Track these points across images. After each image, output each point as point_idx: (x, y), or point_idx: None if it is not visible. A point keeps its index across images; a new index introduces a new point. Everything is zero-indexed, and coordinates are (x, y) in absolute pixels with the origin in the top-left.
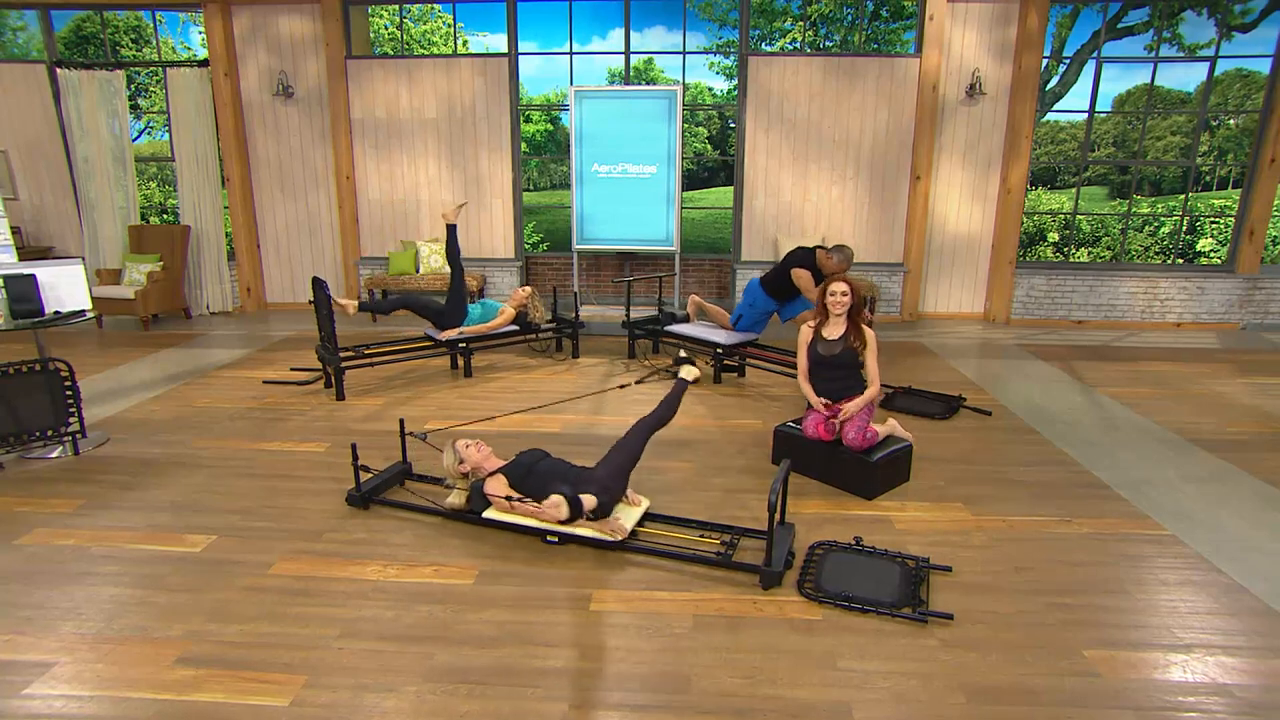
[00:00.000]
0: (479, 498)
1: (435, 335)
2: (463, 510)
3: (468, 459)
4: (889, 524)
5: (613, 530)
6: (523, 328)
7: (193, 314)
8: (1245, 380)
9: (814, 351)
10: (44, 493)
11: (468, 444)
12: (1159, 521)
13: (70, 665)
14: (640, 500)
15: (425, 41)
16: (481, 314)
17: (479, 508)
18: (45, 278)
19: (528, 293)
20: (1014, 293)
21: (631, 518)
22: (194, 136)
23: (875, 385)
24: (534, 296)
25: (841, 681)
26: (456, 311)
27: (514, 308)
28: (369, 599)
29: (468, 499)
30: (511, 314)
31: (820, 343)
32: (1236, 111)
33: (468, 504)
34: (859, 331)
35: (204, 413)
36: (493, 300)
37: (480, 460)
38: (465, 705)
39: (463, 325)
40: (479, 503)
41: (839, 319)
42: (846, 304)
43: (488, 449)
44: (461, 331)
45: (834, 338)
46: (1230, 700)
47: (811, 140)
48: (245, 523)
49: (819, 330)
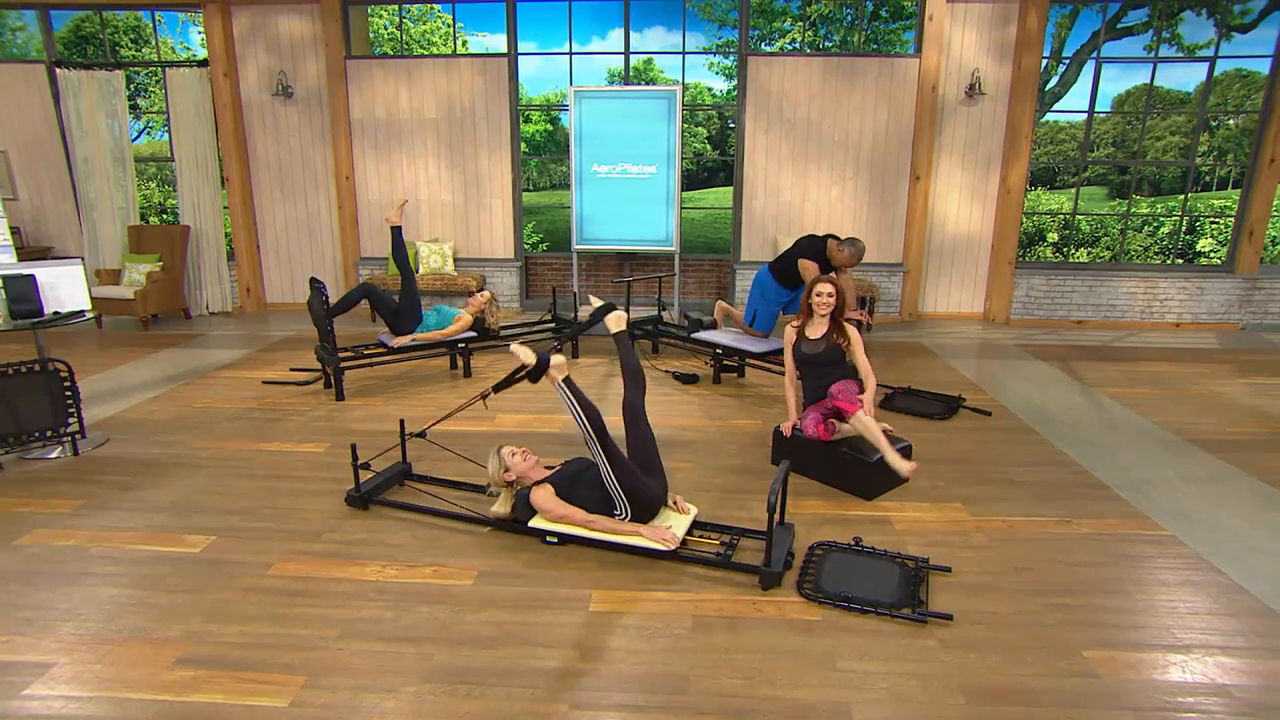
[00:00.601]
0: (524, 507)
1: (388, 341)
2: (507, 519)
3: (513, 467)
4: (888, 524)
5: (664, 539)
6: (480, 334)
7: (192, 314)
8: (1245, 380)
9: (798, 351)
10: (43, 493)
11: (514, 452)
12: (1158, 522)
13: (69, 666)
14: (689, 508)
15: (425, 41)
16: (437, 320)
17: (524, 517)
18: (45, 278)
19: (486, 298)
20: (1014, 293)
21: (681, 525)
22: (193, 137)
23: (872, 380)
24: (493, 302)
25: (841, 682)
26: (410, 317)
27: (471, 314)
28: (368, 599)
29: (513, 507)
30: (469, 320)
31: (804, 342)
32: (1236, 112)
33: (513, 513)
34: (841, 329)
35: (203, 413)
36: (448, 306)
37: (526, 469)
38: (465, 706)
39: (416, 331)
40: (524, 512)
41: (822, 318)
42: (831, 305)
43: (534, 458)
44: (414, 338)
45: (816, 336)
46: (1229, 701)
47: (811, 140)
48: (245, 523)
49: (802, 330)
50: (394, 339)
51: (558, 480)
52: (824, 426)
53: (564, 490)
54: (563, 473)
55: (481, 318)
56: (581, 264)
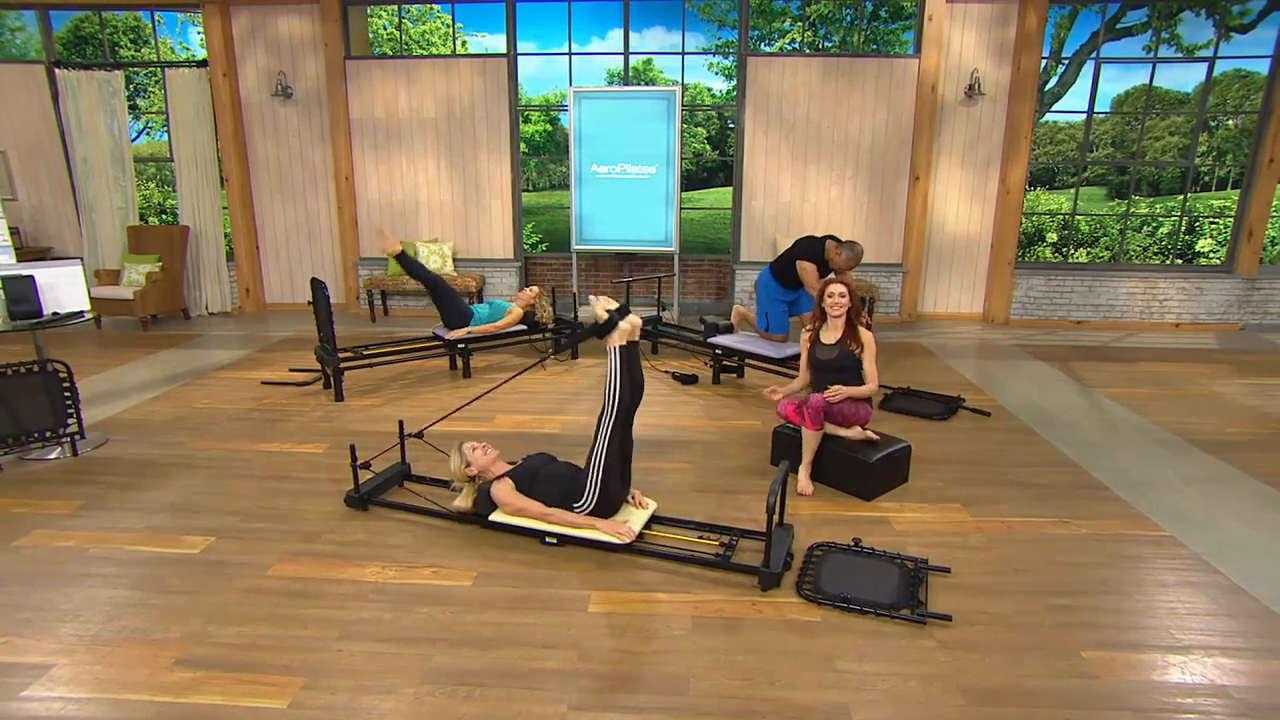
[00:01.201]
0: (485, 501)
1: (443, 335)
2: (469, 513)
3: (474, 462)
4: (888, 525)
5: (620, 533)
6: (530, 327)
7: (191, 315)
8: (1244, 381)
9: (813, 356)
10: (42, 494)
11: (474, 447)
12: (1158, 522)
13: (68, 667)
14: (647, 502)
15: (424, 42)
16: (490, 313)
17: (485, 510)
18: (44, 279)
19: (535, 293)
20: (1013, 293)
21: (639, 520)
22: (193, 137)
23: (870, 384)
24: (541, 296)
25: (840, 683)
26: (460, 312)
27: (522, 307)
28: (368, 600)
29: (474, 502)
30: (519, 313)
31: (819, 347)
32: (1235, 112)
33: (474, 507)
34: (856, 335)
35: (203, 414)
36: (499, 300)
37: (487, 464)
38: (464, 707)
39: (470, 325)
40: (485, 506)
41: (837, 321)
42: (845, 305)
43: (495, 452)
44: (470, 331)
45: (831, 341)
46: (1229, 702)
47: (810, 141)
48: (244, 524)
49: (817, 334)
50: (449, 332)
51: (517, 475)
52: (793, 409)
53: (523, 484)
54: (523, 467)
55: (532, 310)
56: (581, 264)
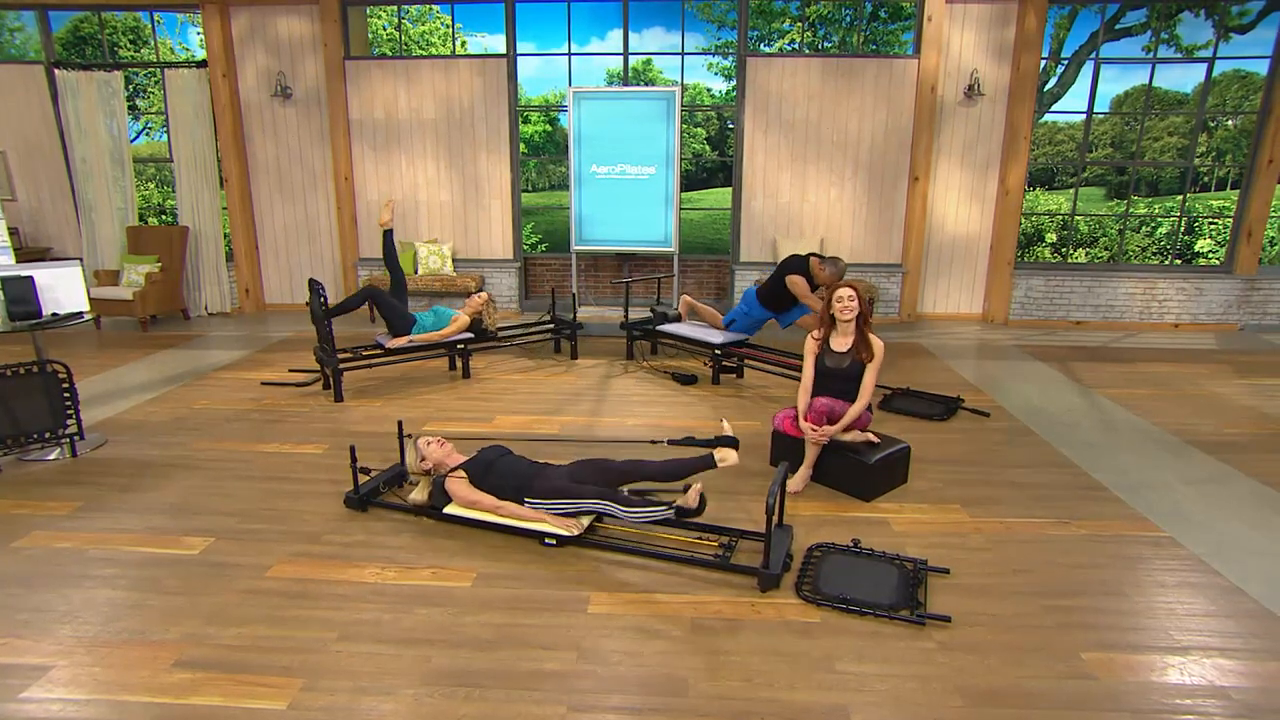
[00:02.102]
0: (440, 494)
1: (384, 343)
2: (425, 506)
3: (429, 456)
4: (887, 526)
5: (567, 525)
6: (478, 335)
7: (191, 315)
8: (1243, 381)
9: (821, 364)
10: (41, 495)
11: (429, 441)
12: (1157, 523)
13: (67, 669)
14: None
15: (424, 42)
16: (434, 321)
17: (440, 503)
18: (43, 279)
19: (483, 299)
20: (1012, 293)
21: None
22: (192, 137)
23: (861, 402)
24: (489, 304)
25: (839, 684)
26: (404, 318)
27: (469, 315)
28: (367, 602)
29: (429, 494)
30: (466, 321)
31: (828, 354)
32: (1234, 112)
33: (429, 499)
34: (868, 344)
35: (202, 414)
36: (445, 307)
37: (441, 457)
38: (463, 708)
39: (412, 333)
40: (440, 498)
41: (848, 326)
42: (855, 310)
43: (449, 446)
44: (411, 339)
45: (843, 350)
46: (1227, 703)
47: (810, 141)
48: (243, 525)
49: (827, 340)
50: (390, 340)
51: (471, 467)
52: (792, 424)
53: (477, 477)
54: (477, 460)
55: (479, 318)
56: (580, 265)
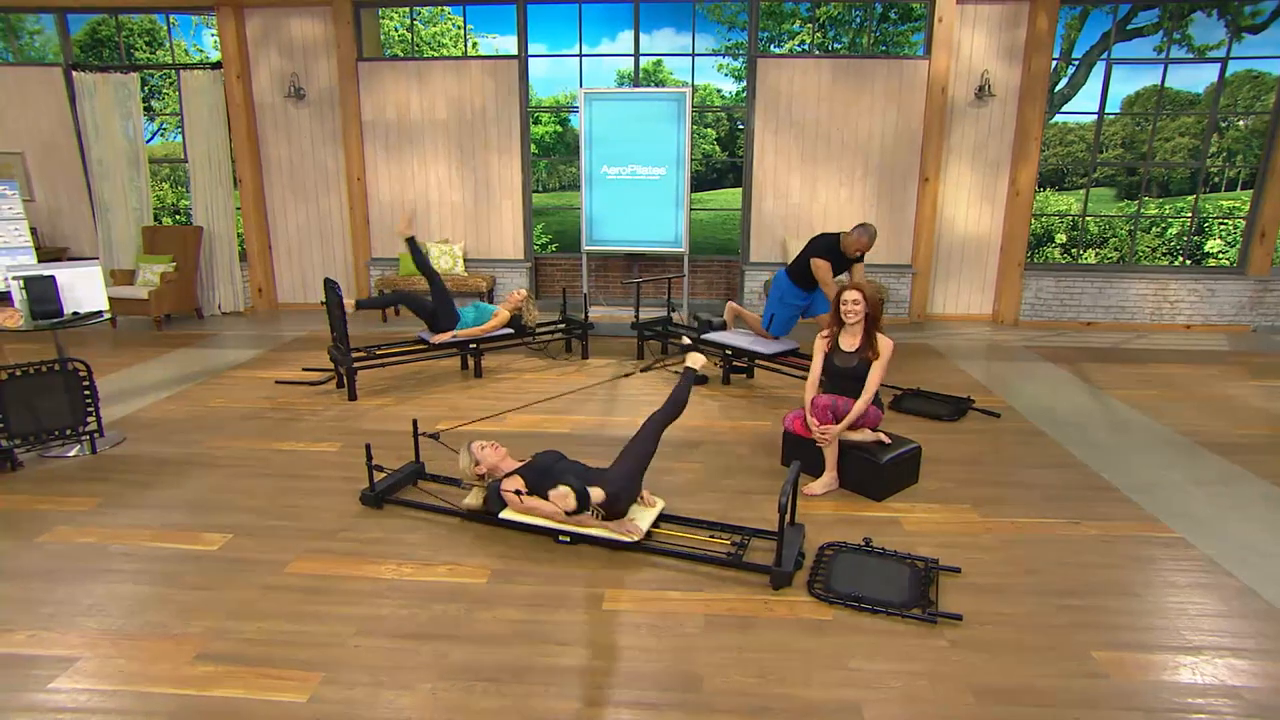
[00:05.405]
0: (496, 499)
1: (428, 338)
2: (479, 511)
3: (483, 460)
4: (898, 525)
5: (628, 531)
6: (517, 331)
7: (205, 314)
8: (1256, 383)
9: (830, 362)
10: (63, 491)
11: (483, 445)
12: (1168, 524)
13: (93, 660)
14: (655, 501)
15: (435, 43)
16: (475, 317)
17: (496, 508)
18: (64, 279)
19: (523, 295)
20: (1023, 294)
21: (647, 518)
22: (207, 138)
23: (865, 398)
24: (529, 300)
25: (852, 681)
26: (448, 314)
27: (509, 310)
28: (384, 597)
29: (485, 500)
30: (506, 317)
31: (837, 353)
32: (1247, 113)
33: (485, 505)
34: (875, 344)
35: (218, 413)
36: (486, 304)
37: (496, 461)
38: (479, 702)
39: (456, 328)
40: (496, 504)
41: (855, 328)
42: (860, 311)
43: (503, 450)
44: (455, 335)
45: (851, 349)
46: (1239, 702)
47: (820, 142)
48: (261, 522)
49: (837, 339)
50: (435, 336)
51: (526, 473)
52: (803, 423)
53: (532, 482)
54: (532, 465)
55: (519, 314)
56: (591, 265)
